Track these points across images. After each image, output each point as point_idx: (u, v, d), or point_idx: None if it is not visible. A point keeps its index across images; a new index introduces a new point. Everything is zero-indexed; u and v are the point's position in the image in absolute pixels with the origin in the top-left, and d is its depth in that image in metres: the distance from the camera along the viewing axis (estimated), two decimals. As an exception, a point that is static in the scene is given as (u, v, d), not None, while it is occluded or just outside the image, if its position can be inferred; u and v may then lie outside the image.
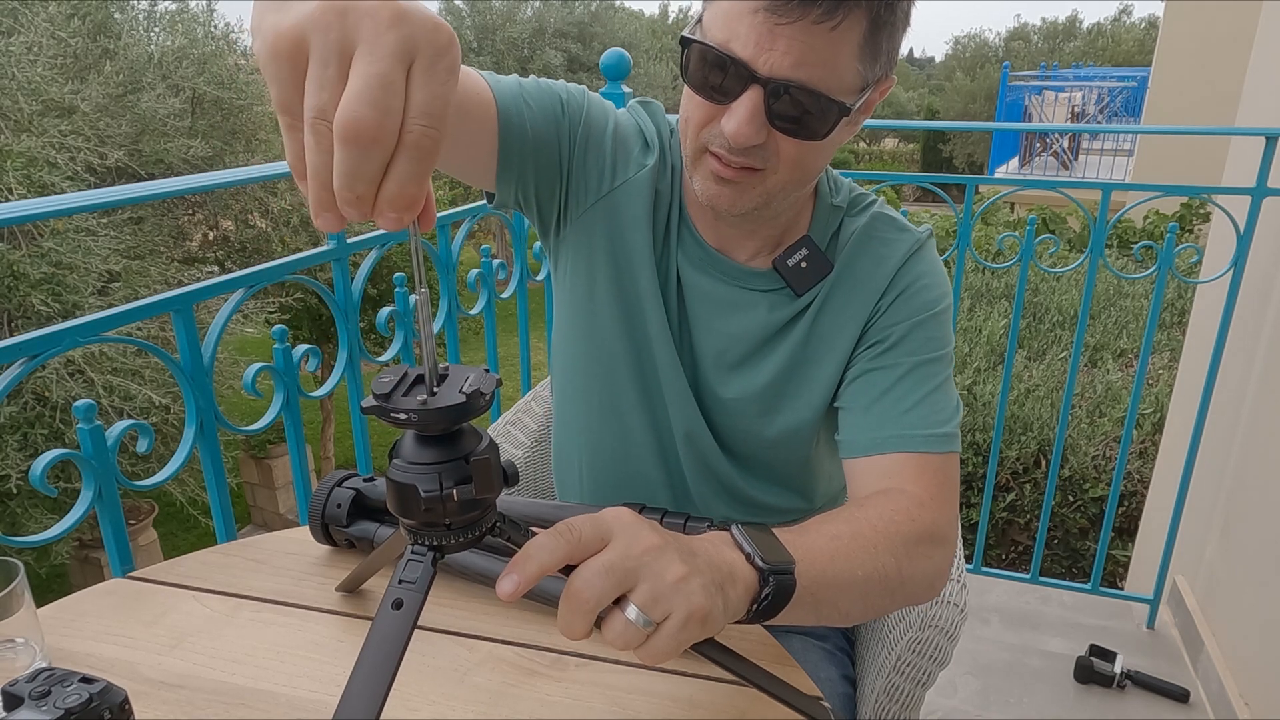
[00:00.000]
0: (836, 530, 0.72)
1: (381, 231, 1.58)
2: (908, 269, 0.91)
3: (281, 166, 1.41)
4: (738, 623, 0.61)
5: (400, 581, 0.55)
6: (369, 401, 0.53)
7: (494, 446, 0.56)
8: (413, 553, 0.56)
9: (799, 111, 0.75)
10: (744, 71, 0.74)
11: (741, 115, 0.75)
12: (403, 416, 0.52)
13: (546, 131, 0.88)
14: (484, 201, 1.80)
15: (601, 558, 0.54)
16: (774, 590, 0.61)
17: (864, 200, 0.96)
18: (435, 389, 0.53)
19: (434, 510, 0.54)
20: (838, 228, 0.93)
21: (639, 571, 0.55)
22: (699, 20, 0.78)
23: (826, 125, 0.76)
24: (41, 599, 0.78)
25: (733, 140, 0.76)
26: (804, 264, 0.90)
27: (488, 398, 0.53)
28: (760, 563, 0.61)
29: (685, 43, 0.78)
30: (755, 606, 0.61)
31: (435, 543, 0.56)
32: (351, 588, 0.83)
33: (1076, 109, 11.53)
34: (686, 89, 0.80)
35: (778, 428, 0.95)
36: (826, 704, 0.70)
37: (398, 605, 0.54)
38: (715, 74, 0.76)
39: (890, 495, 0.80)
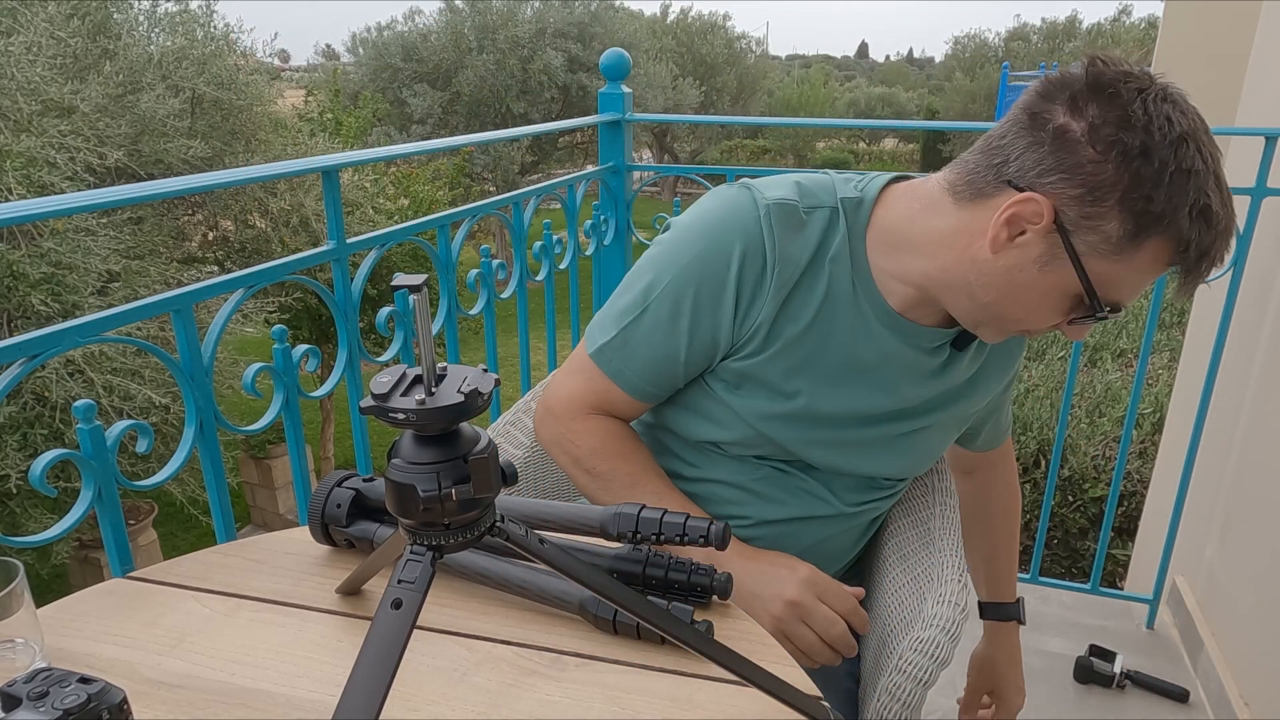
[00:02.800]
0: (1010, 548, 1.30)
1: (381, 231, 1.58)
2: None
3: (281, 166, 1.41)
4: None
5: (399, 581, 0.55)
6: (367, 401, 0.53)
7: (492, 446, 0.56)
8: (412, 553, 0.56)
9: None
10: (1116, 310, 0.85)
11: (1085, 330, 0.90)
12: (401, 416, 0.52)
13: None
14: (483, 201, 1.81)
15: None
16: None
17: None
18: (433, 389, 0.53)
19: (433, 510, 0.54)
20: None
21: None
22: (1113, 249, 0.81)
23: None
24: (41, 599, 0.78)
25: (1072, 339, 0.94)
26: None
27: (486, 397, 0.53)
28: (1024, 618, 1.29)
29: (1101, 305, 0.84)
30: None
31: (434, 542, 0.56)
32: (352, 589, 0.83)
33: (1076, 109, 11.51)
34: (1051, 293, 0.85)
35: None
36: (826, 703, 0.70)
37: (397, 605, 0.54)
38: (1106, 312, 0.85)
39: (1006, 471, 1.29)
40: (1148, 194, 0.77)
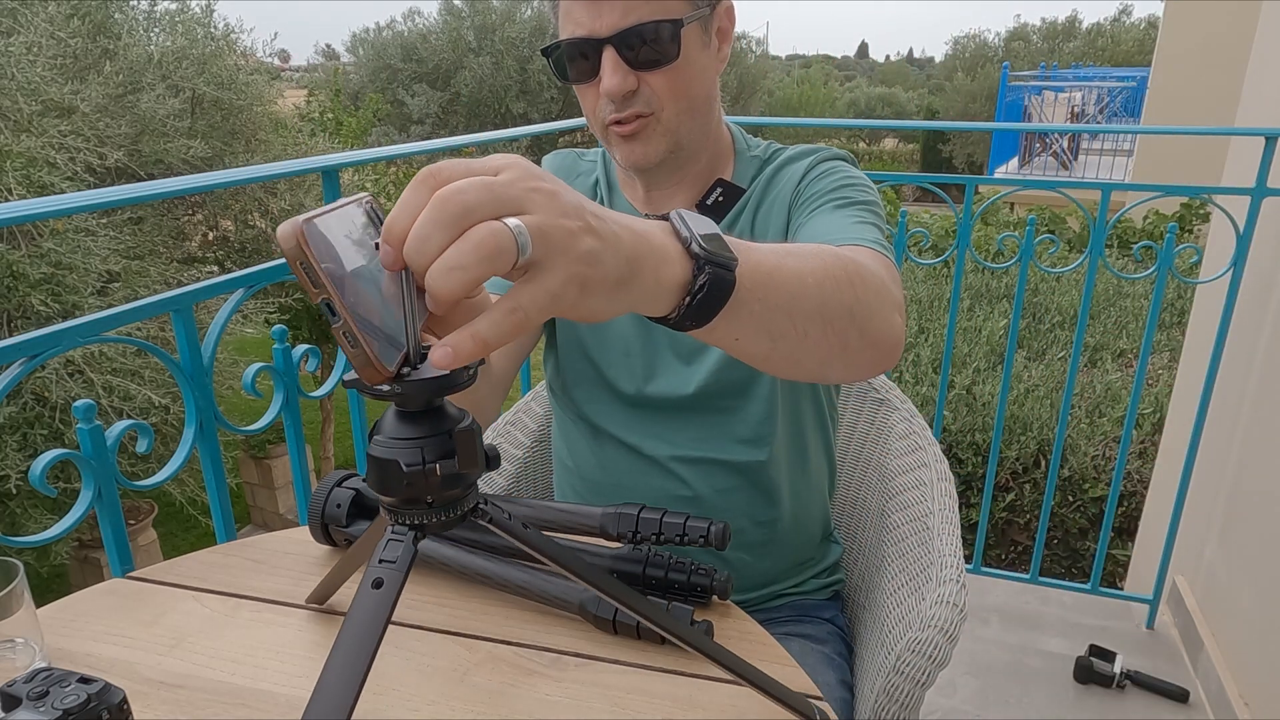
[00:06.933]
0: (787, 247, 0.65)
1: (381, 231, 1.58)
2: (810, 163, 1.01)
3: (281, 166, 1.41)
4: (668, 323, 0.54)
5: (381, 561, 0.54)
6: (350, 375, 0.52)
7: (476, 423, 0.55)
8: (393, 533, 0.56)
9: (647, 46, 0.88)
10: (591, 43, 0.88)
11: (608, 72, 0.89)
12: (384, 389, 0.51)
13: None
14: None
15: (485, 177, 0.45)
16: (710, 281, 0.52)
17: (786, 148, 1.06)
18: (417, 364, 0.53)
19: (416, 485, 0.53)
20: (759, 171, 1.03)
21: (525, 201, 0.44)
22: (555, 36, 0.94)
23: (675, 45, 0.89)
24: (41, 599, 0.78)
25: (611, 94, 0.89)
26: (720, 198, 1.01)
27: (470, 371, 0.53)
28: (698, 249, 0.52)
29: (546, 53, 0.93)
30: (689, 300, 0.52)
31: (416, 521, 0.56)
32: (323, 598, 0.82)
33: (1076, 109, 11.53)
34: (575, 90, 0.95)
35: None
36: (825, 704, 0.70)
37: (378, 585, 0.53)
38: (577, 62, 0.91)
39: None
40: None
